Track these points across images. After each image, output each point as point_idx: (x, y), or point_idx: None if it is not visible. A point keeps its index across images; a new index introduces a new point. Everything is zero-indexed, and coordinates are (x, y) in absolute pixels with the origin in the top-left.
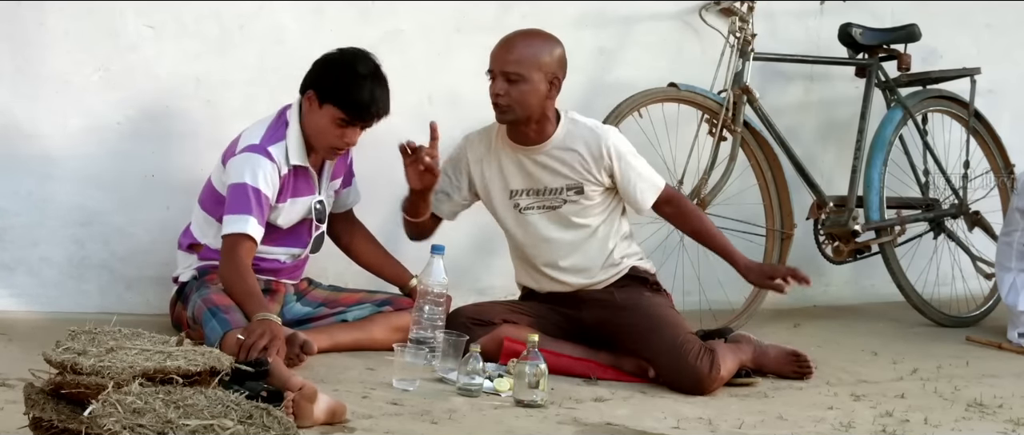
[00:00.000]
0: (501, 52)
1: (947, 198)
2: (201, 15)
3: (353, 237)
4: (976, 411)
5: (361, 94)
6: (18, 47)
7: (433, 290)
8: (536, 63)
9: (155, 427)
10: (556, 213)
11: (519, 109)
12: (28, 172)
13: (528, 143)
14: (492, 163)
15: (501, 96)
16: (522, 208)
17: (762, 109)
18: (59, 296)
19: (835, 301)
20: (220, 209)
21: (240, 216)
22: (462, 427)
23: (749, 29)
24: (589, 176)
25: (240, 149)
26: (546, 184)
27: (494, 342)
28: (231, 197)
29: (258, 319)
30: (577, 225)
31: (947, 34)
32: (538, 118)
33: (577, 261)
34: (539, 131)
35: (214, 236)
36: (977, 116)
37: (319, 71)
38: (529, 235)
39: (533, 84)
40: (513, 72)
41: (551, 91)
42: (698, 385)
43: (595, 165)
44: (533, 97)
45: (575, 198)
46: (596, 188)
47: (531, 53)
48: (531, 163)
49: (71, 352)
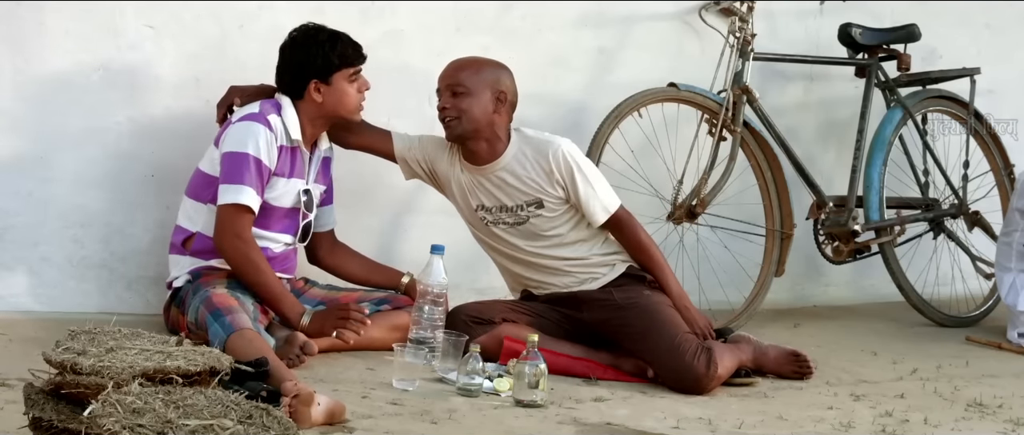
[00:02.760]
0: (447, 70)
1: (947, 198)
2: (201, 15)
3: (337, 255)
4: (976, 411)
5: (347, 45)
6: (18, 47)
7: (433, 290)
8: (481, 78)
9: (155, 427)
10: (523, 227)
11: (465, 122)
12: (28, 172)
13: (480, 163)
14: (458, 178)
15: (447, 109)
16: (489, 222)
17: (762, 109)
18: (59, 296)
19: (835, 301)
20: (207, 192)
21: (236, 186)
22: (462, 427)
23: (749, 29)
24: (543, 191)
25: (237, 119)
26: (504, 202)
27: (494, 341)
28: (227, 166)
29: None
30: (547, 236)
31: (947, 34)
32: (488, 136)
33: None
34: (490, 150)
35: (205, 222)
36: (977, 116)
37: (298, 61)
38: (502, 245)
39: (477, 97)
40: (458, 85)
41: (498, 107)
42: (696, 384)
43: (547, 179)
44: (478, 110)
45: (537, 212)
46: (554, 201)
47: (476, 69)
48: (487, 183)
49: (71, 352)
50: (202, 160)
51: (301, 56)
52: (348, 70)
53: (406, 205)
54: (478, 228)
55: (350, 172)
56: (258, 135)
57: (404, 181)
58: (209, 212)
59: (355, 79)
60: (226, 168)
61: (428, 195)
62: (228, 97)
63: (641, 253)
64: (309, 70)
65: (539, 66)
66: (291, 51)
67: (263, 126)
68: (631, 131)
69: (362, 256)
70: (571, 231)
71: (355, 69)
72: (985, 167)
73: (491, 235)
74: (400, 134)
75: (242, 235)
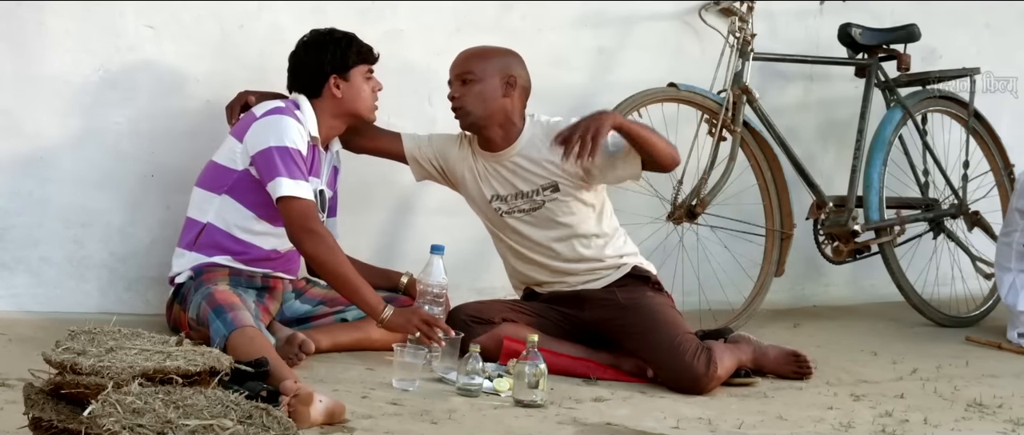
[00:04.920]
0: (457, 59)
1: (947, 198)
2: (201, 15)
3: None
4: (976, 411)
5: (362, 44)
6: (18, 47)
7: (433, 290)
8: (489, 64)
9: (155, 427)
10: (538, 214)
11: (477, 109)
12: (28, 172)
13: (496, 149)
14: (472, 169)
15: (457, 98)
16: (503, 212)
17: (762, 109)
18: (59, 296)
19: (835, 301)
20: (220, 183)
21: (292, 180)
22: (462, 427)
23: (749, 29)
24: (559, 172)
25: (263, 113)
26: (520, 188)
27: (494, 341)
28: (274, 160)
29: (399, 311)
30: (562, 224)
31: (947, 34)
32: (501, 121)
33: (564, 265)
34: (505, 136)
35: (216, 212)
36: (977, 116)
37: (317, 60)
38: (515, 238)
39: (487, 83)
40: (467, 73)
41: (508, 91)
42: (695, 384)
43: (561, 159)
44: (489, 95)
45: (553, 196)
46: (570, 184)
47: (484, 55)
48: (503, 169)
49: (71, 352)
50: (217, 152)
51: (320, 53)
52: (364, 67)
53: (406, 205)
54: (492, 221)
55: (351, 172)
56: (293, 128)
57: (404, 181)
58: (221, 202)
59: (370, 78)
60: (273, 162)
61: (429, 195)
62: (240, 99)
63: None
64: (328, 66)
65: (539, 66)
66: (307, 51)
67: (293, 120)
68: None
69: (358, 262)
70: (584, 222)
71: (370, 67)
72: (985, 167)
73: (504, 227)
74: (409, 134)
75: (314, 228)
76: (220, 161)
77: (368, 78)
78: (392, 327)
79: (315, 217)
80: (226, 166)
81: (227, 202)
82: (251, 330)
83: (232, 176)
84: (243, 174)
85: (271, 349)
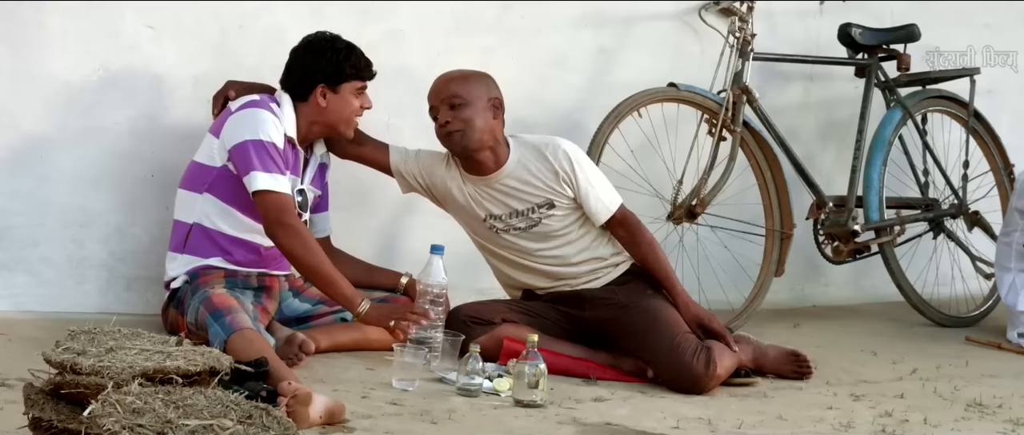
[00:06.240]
0: (437, 85)
1: (947, 198)
2: (201, 15)
3: (334, 261)
4: (976, 411)
5: (361, 59)
6: (18, 47)
7: (433, 290)
8: (473, 87)
9: (155, 427)
10: (536, 230)
11: (471, 132)
12: (28, 172)
13: (486, 172)
14: (462, 190)
15: (449, 122)
16: (499, 230)
17: (762, 109)
18: (59, 296)
19: (835, 301)
20: (201, 182)
21: (267, 174)
22: (462, 427)
23: (748, 29)
24: (553, 191)
25: (237, 108)
26: (515, 207)
27: (494, 341)
28: (249, 154)
29: (377, 305)
30: (558, 235)
31: (947, 34)
32: (491, 145)
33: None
34: (494, 159)
35: (201, 211)
36: (977, 116)
37: (311, 64)
38: (511, 252)
39: (476, 107)
40: (454, 96)
41: (497, 113)
42: (695, 384)
43: (554, 179)
44: (480, 119)
45: (549, 213)
46: (565, 200)
47: (466, 79)
48: (494, 192)
49: (71, 352)
50: (197, 152)
51: (315, 59)
52: (357, 83)
53: (406, 205)
54: (486, 238)
55: (349, 173)
56: (268, 121)
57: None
58: (204, 201)
59: (361, 94)
60: (247, 156)
61: None
62: (224, 90)
63: (645, 255)
64: (320, 74)
65: (539, 66)
66: (305, 53)
67: (269, 113)
68: (631, 131)
69: (358, 260)
70: (581, 229)
71: (363, 84)
72: (985, 167)
73: (500, 243)
74: (397, 147)
75: (288, 222)
76: (200, 159)
77: (359, 94)
78: (370, 320)
79: (290, 211)
80: (205, 164)
81: (209, 200)
82: (250, 332)
83: (212, 173)
84: (222, 170)
85: (270, 351)
